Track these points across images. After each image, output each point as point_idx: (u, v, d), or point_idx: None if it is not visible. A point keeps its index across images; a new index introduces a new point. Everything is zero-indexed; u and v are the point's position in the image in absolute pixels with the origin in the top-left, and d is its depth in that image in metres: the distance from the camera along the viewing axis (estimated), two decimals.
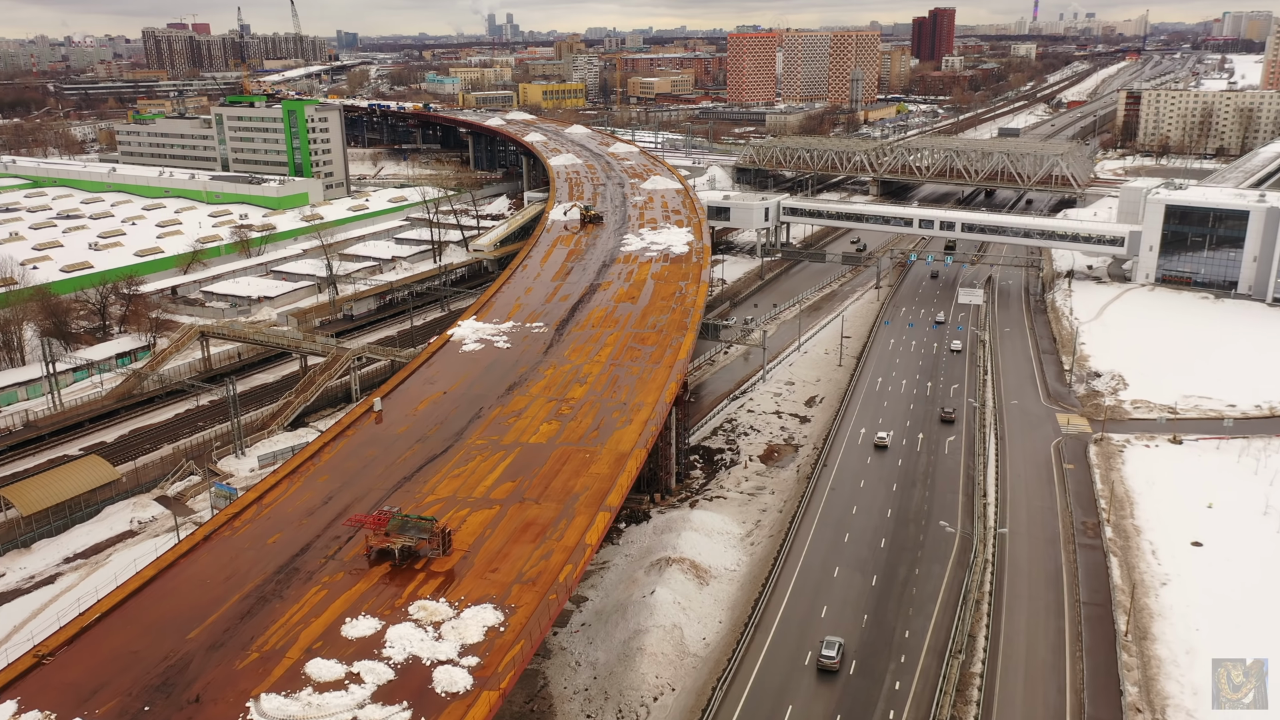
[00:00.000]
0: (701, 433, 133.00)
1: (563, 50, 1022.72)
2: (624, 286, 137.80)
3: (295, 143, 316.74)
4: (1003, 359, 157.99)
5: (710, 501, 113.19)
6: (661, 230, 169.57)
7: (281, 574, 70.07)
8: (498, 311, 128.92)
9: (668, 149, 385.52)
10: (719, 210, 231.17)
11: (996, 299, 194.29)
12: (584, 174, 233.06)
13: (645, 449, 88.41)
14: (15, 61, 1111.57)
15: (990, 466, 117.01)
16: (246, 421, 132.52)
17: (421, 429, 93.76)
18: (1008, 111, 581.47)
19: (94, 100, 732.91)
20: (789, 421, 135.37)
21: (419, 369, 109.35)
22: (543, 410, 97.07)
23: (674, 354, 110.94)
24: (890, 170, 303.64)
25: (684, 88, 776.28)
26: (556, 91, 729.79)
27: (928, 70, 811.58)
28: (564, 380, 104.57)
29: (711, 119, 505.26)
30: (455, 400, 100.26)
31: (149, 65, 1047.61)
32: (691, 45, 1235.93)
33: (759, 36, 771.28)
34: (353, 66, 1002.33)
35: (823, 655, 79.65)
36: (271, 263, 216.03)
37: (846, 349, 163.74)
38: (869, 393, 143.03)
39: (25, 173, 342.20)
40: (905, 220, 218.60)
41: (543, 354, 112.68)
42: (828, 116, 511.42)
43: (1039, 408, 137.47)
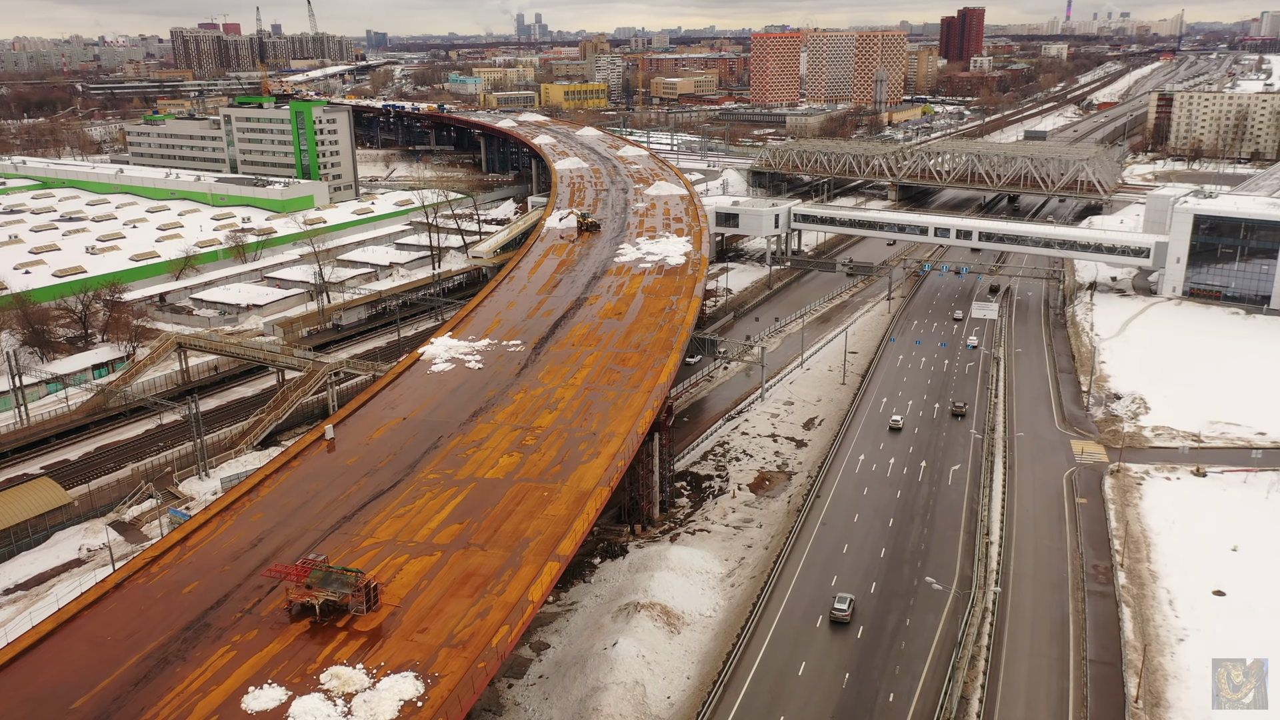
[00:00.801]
0: (691, 457, 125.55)
1: (587, 50, 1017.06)
2: (612, 301, 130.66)
3: (303, 144, 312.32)
4: (1017, 378, 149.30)
5: (693, 535, 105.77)
6: (660, 239, 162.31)
7: (190, 631, 63.56)
8: (475, 327, 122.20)
9: (684, 151, 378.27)
10: (727, 217, 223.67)
11: (1014, 312, 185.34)
12: (588, 178, 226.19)
13: (609, 487, 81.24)
14: (47, 61, 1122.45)
15: (996, 500, 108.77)
16: (214, 440, 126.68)
17: (373, 460, 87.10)
18: (1036, 113, 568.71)
19: (119, 100, 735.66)
20: (784, 446, 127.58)
21: (381, 391, 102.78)
22: (505, 440, 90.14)
23: (655, 377, 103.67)
24: (910, 175, 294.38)
25: (707, 88, 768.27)
26: (578, 92, 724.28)
27: (955, 71, 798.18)
28: (533, 406, 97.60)
29: (730, 120, 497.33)
30: (414, 427, 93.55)
31: (177, 65, 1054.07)
32: (718, 45, 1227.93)
33: (783, 36, 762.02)
34: (377, 66, 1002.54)
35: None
36: (266, 269, 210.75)
37: (851, 366, 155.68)
38: (871, 415, 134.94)
39: (35, 173, 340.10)
40: (920, 228, 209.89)
41: (515, 376, 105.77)
42: (850, 118, 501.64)
43: (1053, 433, 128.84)
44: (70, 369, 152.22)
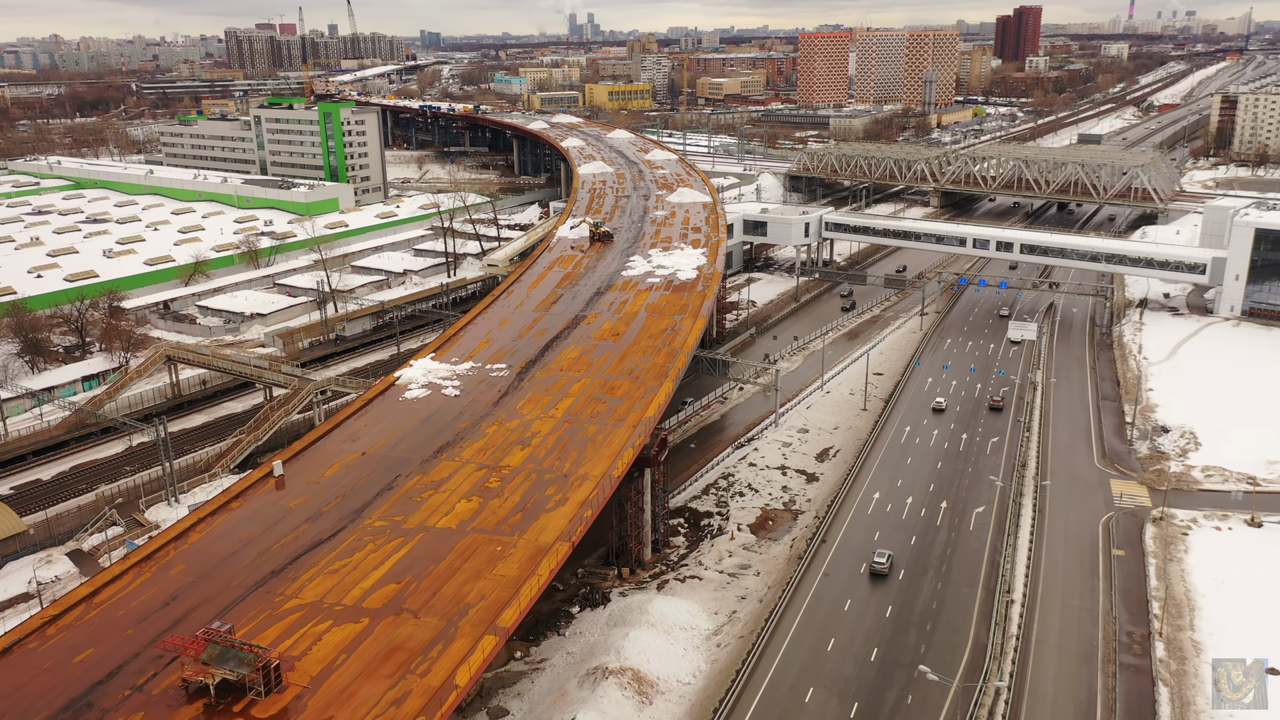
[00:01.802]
0: (692, 490, 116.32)
1: (634, 50, 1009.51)
2: (611, 320, 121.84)
3: (331, 146, 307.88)
4: (1055, 407, 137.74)
5: (683, 582, 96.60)
6: (673, 251, 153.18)
7: (69, 712, 56.09)
8: (461, 348, 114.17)
9: (720, 154, 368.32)
10: (755, 225, 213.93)
11: (1057, 331, 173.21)
12: (610, 184, 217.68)
13: (570, 542, 72.47)
14: (107, 61, 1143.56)
15: (1022, 550, 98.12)
16: (188, 463, 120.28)
17: (319, 502, 79.29)
18: (1092, 115, 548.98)
19: (170, 99, 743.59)
20: (794, 480, 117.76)
21: (346, 420, 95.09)
22: (467, 481, 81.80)
23: (642, 409, 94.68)
24: (953, 180, 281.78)
25: (754, 89, 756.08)
26: (622, 92, 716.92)
27: (1010, 71, 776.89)
28: (505, 441, 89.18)
29: (771, 122, 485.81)
30: (372, 464, 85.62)
31: (230, 65, 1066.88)
32: (768, 45, 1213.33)
33: (831, 36, 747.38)
34: (425, 66, 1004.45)
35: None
36: (278, 275, 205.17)
37: (875, 389, 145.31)
38: (892, 446, 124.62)
39: (69, 174, 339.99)
40: (958, 239, 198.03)
41: (492, 405, 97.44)
42: (896, 120, 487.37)
43: (1091, 471, 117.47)
44: (60, 380, 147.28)
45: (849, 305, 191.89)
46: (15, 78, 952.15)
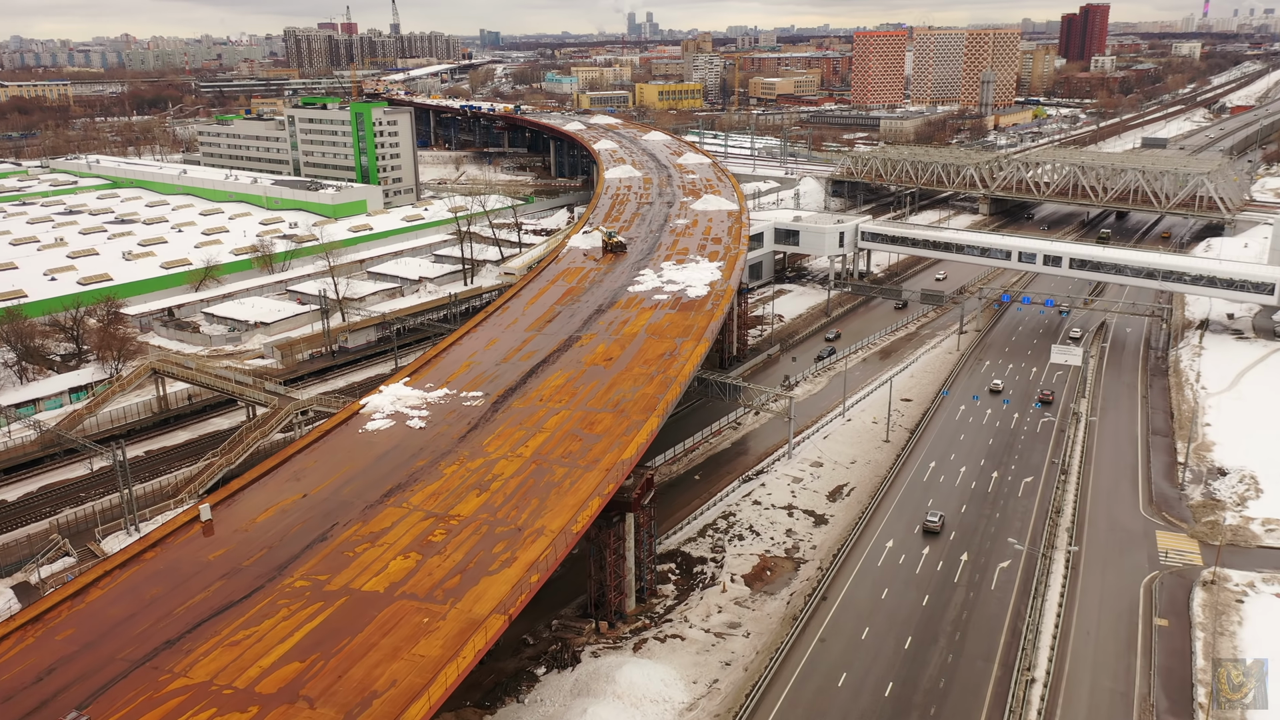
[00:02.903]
0: (688, 530, 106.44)
1: (688, 49, 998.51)
2: (606, 343, 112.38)
3: (362, 146, 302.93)
4: (1099, 441, 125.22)
5: (663, 642, 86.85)
6: (688, 265, 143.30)
7: None
8: (438, 372, 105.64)
9: (763, 157, 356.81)
10: (787, 234, 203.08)
11: (1107, 354, 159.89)
12: (636, 189, 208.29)
13: (508, 616, 63.22)
14: (171, 60, 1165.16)
15: (1049, 617, 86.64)
16: (155, 487, 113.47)
17: (243, 554, 71.10)
18: (1159, 117, 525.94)
19: (226, 98, 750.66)
20: (801, 522, 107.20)
21: (295, 456, 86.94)
22: (410, 533, 73.02)
23: (621, 449, 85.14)
24: (1004, 187, 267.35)
25: (808, 89, 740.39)
26: (673, 92, 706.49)
27: (1074, 71, 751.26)
28: (463, 484, 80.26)
29: (819, 124, 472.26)
30: (311, 509, 77.28)
31: (289, 64, 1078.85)
32: (826, 44, 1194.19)
33: (886, 35, 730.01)
34: (479, 65, 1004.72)
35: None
36: (291, 280, 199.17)
37: (901, 417, 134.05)
38: (913, 485, 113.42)
39: (107, 173, 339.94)
40: (1003, 252, 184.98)
41: (458, 441, 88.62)
42: (951, 122, 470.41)
43: (1135, 520, 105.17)
44: (47, 391, 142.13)
45: (901, 305, 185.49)
46: (82, 76, 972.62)
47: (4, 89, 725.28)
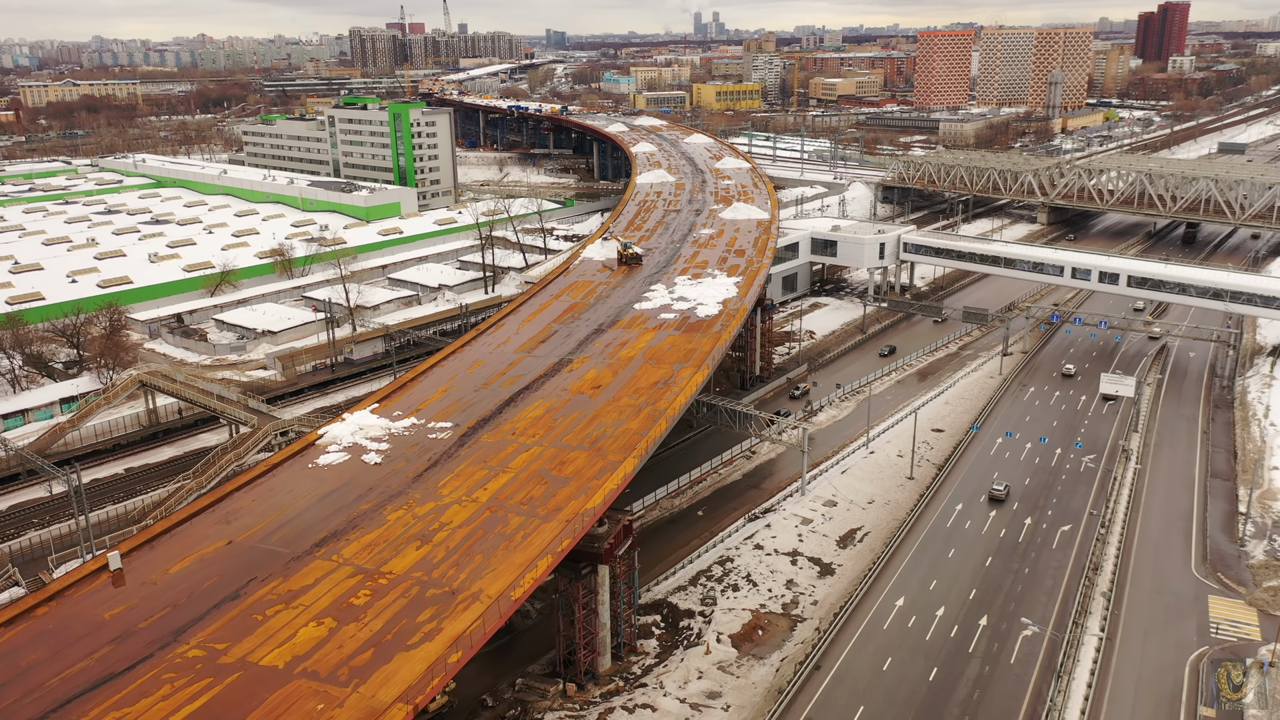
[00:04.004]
0: (679, 578, 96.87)
1: (750, 49, 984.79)
2: (598, 367, 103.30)
3: (400, 148, 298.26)
4: (1149, 485, 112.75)
5: (631, 713, 77.58)
6: (703, 280, 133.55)
7: None
8: (412, 398, 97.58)
9: (813, 161, 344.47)
10: (825, 244, 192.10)
11: (1166, 383, 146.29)
12: (666, 195, 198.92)
13: (413, 706, 54.43)
14: (241, 60, 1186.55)
15: (1075, 701, 75.36)
16: (119, 511, 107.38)
17: (142, 613, 63.52)
18: (1239, 121, 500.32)
19: (289, 97, 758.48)
20: (804, 572, 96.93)
21: (233, 494, 79.35)
22: (332, 593, 64.78)
23: (588, 496, 76.02)
24: (1065, 195, 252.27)
25: (870, 89, 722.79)
26: (730, 93, 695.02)
27: (1150, 72, 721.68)
28: (405, 533, 71.85)
29: (876, 126, 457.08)
30: (231, 559, 69.49)
31: (354, 64, 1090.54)
32: (893, 44, 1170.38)
33: (951, 34, 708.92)
34: (539, 65, 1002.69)
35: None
36: (308, 286, 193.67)
37: (930, 450, 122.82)
38: (934, 533, 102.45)
39: (151, 172, 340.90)
40: (1055, 267, 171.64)
41: (412, 480, 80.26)
42: (1015, 124, 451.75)
43: (1184, 581, 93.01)
44: (38, 401, 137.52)
45: (940, 320, 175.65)
46: (155, 76, 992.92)
47: (75, 87, 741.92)
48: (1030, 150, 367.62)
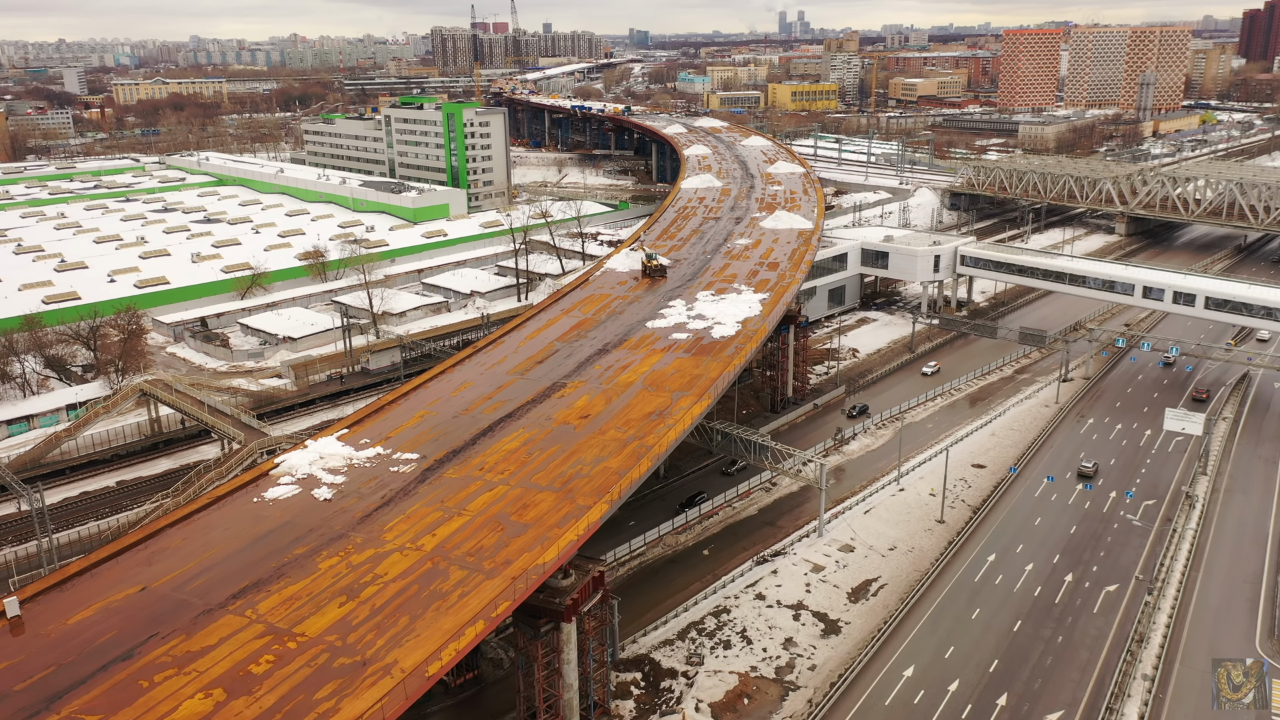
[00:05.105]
0: (668, 630, 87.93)
1: (830, 48, 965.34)
2: (591, 394, 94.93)
3: (454, 148, 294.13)
4: (1214, 540, 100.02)
5: None
6: (727, 295, 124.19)
7: None
8: (385, 424, 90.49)
9: (881, 165, 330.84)
10: (876, 255, 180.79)
11: (1245, 420, 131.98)
12: (709, 201, 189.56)
13: None
14: (328, 59, 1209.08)
15: None
16: (93, 531, 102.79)
17: (19, 674, 57.12)
18: None
19: (368, 95, 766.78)
20: (806, 629, 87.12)
21: (166, 530, 73.04)
22: (233, 657, 57.65)
23: (542, 549, 67.77)
24: (1146, 204, 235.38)
25: (952, 90, 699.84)
26: (806, 93, 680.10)
27: (1254, 72, 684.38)
28: (332, 585, 64.48)
29: (949, 128, 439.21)
30: (139, 609, 62.97)
31: (435, 63, 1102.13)
32: (981, 43, 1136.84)
33: (1038, 33, 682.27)
34: (616, 65, 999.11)
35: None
36: (338, 291, 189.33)
37: (967, 489, 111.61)
38: (959, 587, 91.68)
39: (214, 170, 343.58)
40: (1126, 285, 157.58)
41: (358, 521, 72.98)
42: (1100, 127, 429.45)
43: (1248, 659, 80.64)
44: (44, 407, 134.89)
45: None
46: (243, 74, 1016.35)
47: (164, 85, 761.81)
48: (1114, 155, 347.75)
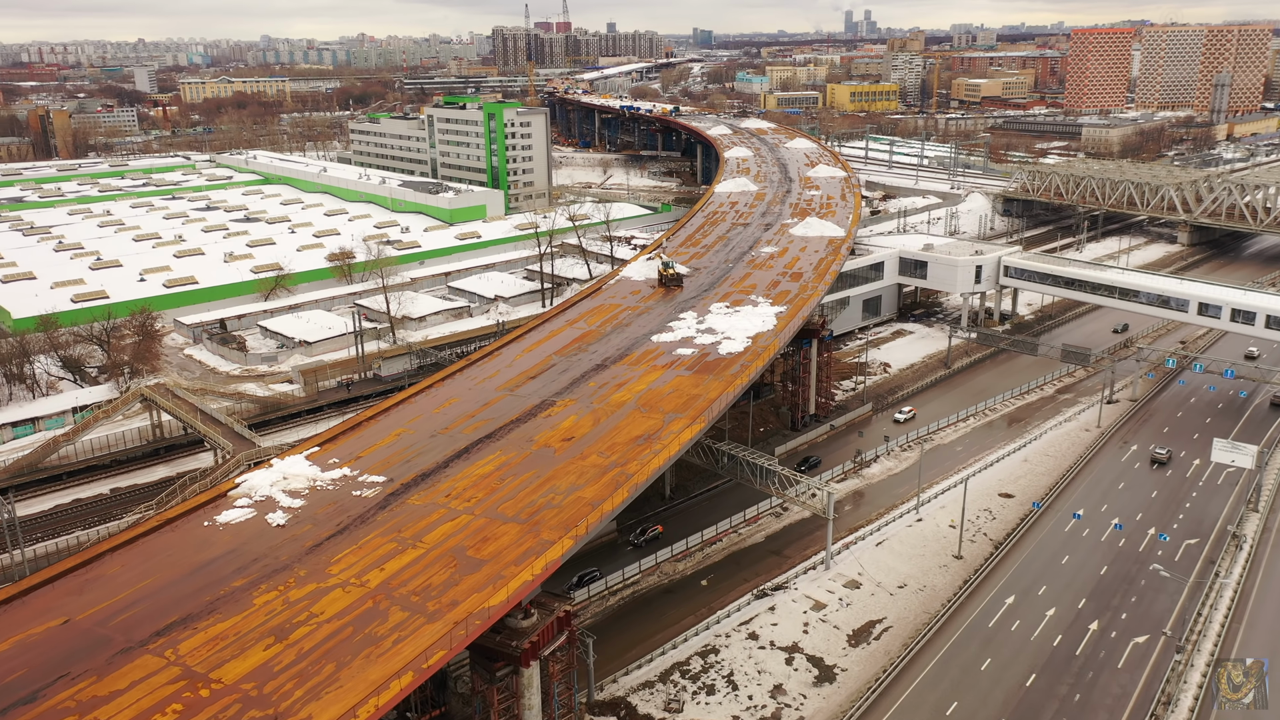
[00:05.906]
0: (650, 670, 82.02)
1: (893, 47, 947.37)
2: (579, 413, 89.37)
3: (495, 148, 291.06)
4: (1261, 588, 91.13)
5: None
6: (743, 307, 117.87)
7: None
8: (358, 442, 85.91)
9: (934, 168, 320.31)
10: (914, 265, 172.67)
11: None
12: (741, 205, 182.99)
13: None
14: (392, 58, 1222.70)
15: None
16: (74, 542, 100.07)
17: None
18: None
19: (428, 94, 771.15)
20: (799, 675, 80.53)
21: (106, 555, 69.28)
22: (135, 708, 53.35)
23: (493, 589, 62.52)
24: (1211, 212, 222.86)
25: (1018, 91, 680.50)
26: (866, 93, 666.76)
27: None
28: (263, 624, 59.90)
29: (1009, 130, 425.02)
30: (54, 645, 59.02)
31: (495, 62, 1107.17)
32: (1051, 43, 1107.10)
33: (1107, 33, 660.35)
34: (675, 64, 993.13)
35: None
36: (361, 293, 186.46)
37: (991, 519, 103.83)
38: (971, 632, 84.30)
39: (261, 169, 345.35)
40: (1180, 301, 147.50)
41: (307, 551, 68.40)
42: (1169, 130, 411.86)
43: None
44: (51, 409, 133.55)
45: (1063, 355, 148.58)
46: (307, 73, 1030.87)
47: (230, 84, 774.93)
48: (1182, 160, 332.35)
